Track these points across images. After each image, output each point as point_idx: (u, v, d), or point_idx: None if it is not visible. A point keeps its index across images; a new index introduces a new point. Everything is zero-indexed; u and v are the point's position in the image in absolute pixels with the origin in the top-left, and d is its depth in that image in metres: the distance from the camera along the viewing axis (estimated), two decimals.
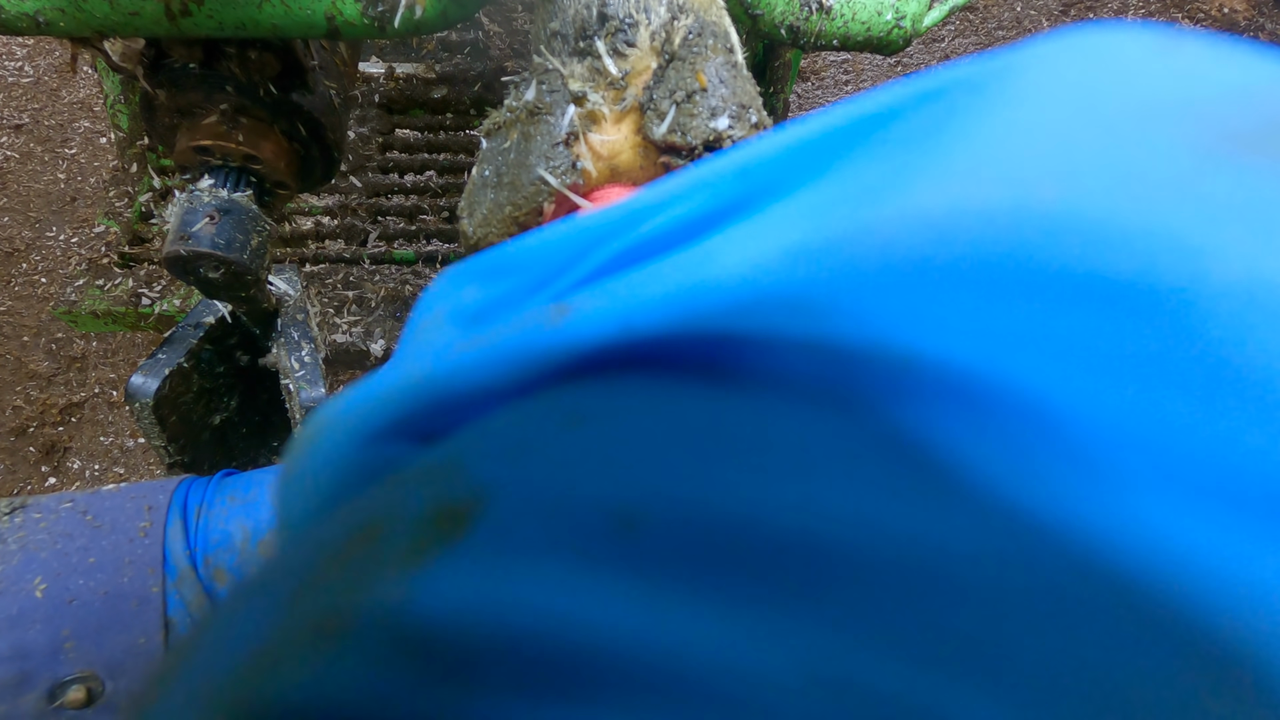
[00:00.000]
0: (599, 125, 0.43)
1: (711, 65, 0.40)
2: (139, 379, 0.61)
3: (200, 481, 0.42)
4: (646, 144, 0.42)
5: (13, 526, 0.36)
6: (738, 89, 0.41)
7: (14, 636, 0.34)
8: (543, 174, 0.40)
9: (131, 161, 1.24)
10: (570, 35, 0.43)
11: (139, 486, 0.40)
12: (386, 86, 1.35)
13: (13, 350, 1.64)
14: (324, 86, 0.60)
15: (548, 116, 0.41)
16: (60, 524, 0.37)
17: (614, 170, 0.44)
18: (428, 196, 1.29)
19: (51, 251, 1.76)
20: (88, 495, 0.39)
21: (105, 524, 0.37)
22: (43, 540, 0.36)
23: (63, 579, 0.35)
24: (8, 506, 0.37)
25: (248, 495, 0.41)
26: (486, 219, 0.43)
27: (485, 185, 0.43)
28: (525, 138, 0.42)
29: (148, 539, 0.37)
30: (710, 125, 0.39)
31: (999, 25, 2.24)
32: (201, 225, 0.55)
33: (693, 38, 0.41)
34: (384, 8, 0.48)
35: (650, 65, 0.43)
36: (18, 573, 0.35)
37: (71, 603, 0.35)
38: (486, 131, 0.45)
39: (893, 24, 0.59)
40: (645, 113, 0.42)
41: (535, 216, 0.41)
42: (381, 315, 1.14)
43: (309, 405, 0.63)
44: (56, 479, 1.49)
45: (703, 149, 0.40)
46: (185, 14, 0.46)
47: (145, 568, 0.36)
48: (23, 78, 2.04)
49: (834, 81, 2.10)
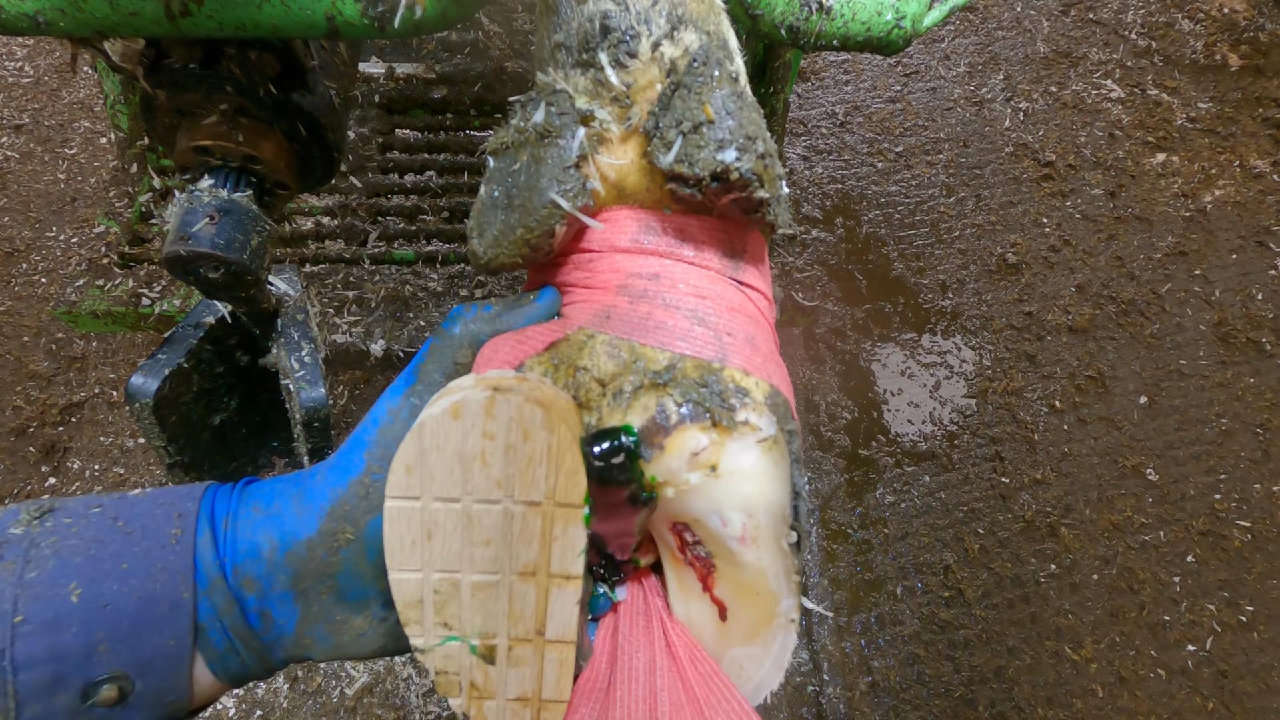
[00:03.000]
0: (606, 146, 0.43)
1: (718, 96, 0.40)
2: (139, 379, 0.61)
3: (224, 489, 0.43)
4: (653, 168, 0.42)
5: (44, 531, 0.37)
6: (744, 120, 0.40)
7: (50, 639, 0.35)
8: (555, 198, 0.40)
9: (131, 161, 1.24)
10: (574, 47, 0.43)
11: (166, 493, 0.41)
12: (386, 86, 1.35)
13: (13, 350, 1.64)
14: (324, 87, 0.60)
15: (558, 139, 0.41)
16: (92, 529, 0.38)
17: (621, 191, 0.44)
18: (428, 196, 1.29)
19: (51, 251, 1.76)
20: (115, 500, 0.40)
21: (136, 530, 0.38)
22: (75, 546, 0.37)
23: (97, 584, 0.36)
24: (36, 510, 0.38)
25: (271, 507, 0.41)
26: (497, 240, 0.43)
27: (495, 206, 0.43)
28: (536, 160, 0.42)
29: (179, 546, 0.38)
30: (718, 158, 0.39)
31: (999, 25, 2.24)
32: (201, 225, 0.55)
33: (698, 65, 0.41)
34: (384, 8, 0.48)
35: (654, 81, 0.43)
36: (52, 578, 0.36)
37: (106, 607, 0.36)
38: (493, 150, 0.45)
39: (893, 24, 0.59)
40: (651, 139, 0.42)
41: (547, 238, 0.42)
42: (381, 315, 1.14)
43: (309, 405, 0.63)
44: (56, 479, 1.49)
45: (710, 179, 0.40)
46: (185, 14, 0.46)
47: (177, 574, 0.38)
48: (23, 78, 2.04)
49: (834, 81, 2.10)
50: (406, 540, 0.36)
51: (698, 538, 0.39)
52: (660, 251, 0.43)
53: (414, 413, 0.41)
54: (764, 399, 0.38)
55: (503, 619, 0.37)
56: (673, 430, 0.37)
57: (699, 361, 0.39)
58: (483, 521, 0.35)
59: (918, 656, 1.37)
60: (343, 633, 0.42)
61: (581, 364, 0.40)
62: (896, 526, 1.49)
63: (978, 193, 1.92)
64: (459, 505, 0.35)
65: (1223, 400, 1.64)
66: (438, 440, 0.34)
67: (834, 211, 1.88)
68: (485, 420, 0.34)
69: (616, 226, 0.43)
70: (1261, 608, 1.42)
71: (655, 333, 0.39)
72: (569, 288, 0.44)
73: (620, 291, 0.42)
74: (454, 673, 0.38)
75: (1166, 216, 1.88)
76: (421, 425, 0.34)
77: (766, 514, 0.37)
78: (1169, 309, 1.76)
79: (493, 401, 0.34)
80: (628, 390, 0.38)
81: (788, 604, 0.38)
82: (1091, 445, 1.59)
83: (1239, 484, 1.55)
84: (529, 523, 0.35)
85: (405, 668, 1.31)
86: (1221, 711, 1.33)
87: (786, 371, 0.43)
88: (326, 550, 0.40)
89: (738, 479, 0.37)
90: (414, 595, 0.37)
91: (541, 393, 0.36)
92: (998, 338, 1.72)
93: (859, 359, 1.69)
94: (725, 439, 0.37)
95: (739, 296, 0.43)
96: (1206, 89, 2.09)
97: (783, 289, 1.67)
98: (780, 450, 0.38)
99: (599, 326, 0.40)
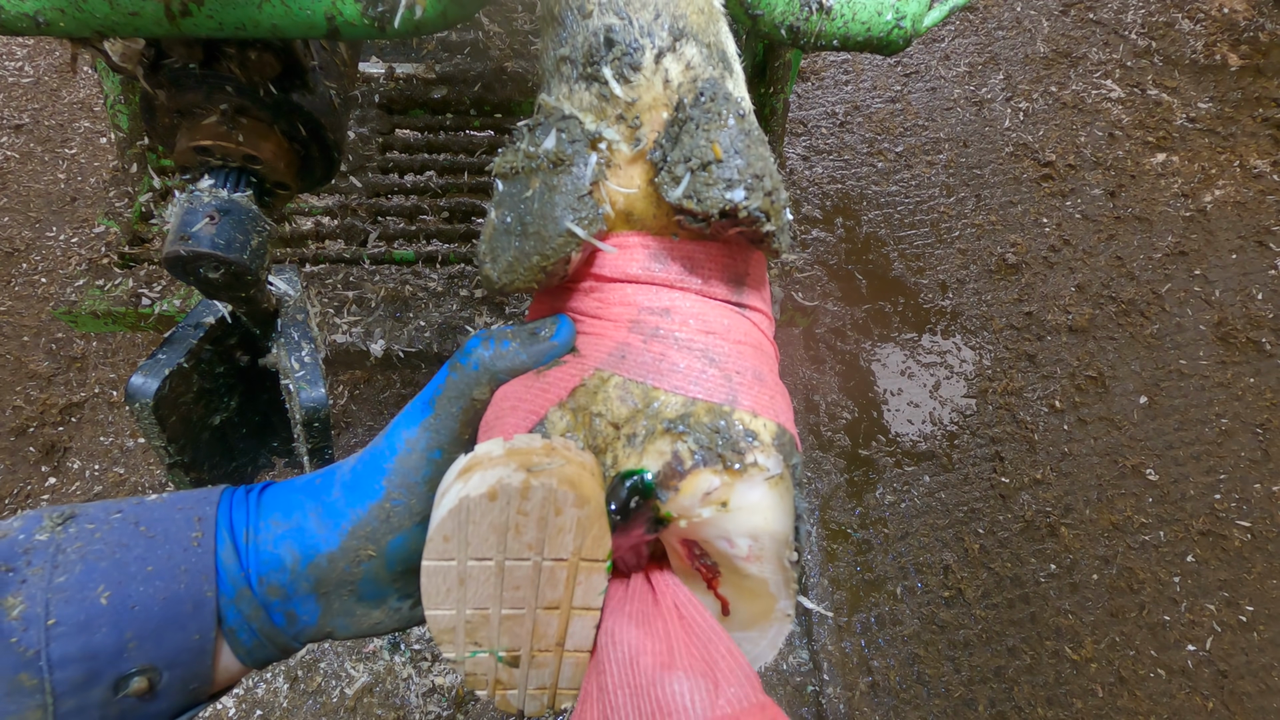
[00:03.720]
0: (614, 170, 0.44)
1: (725, 135, 0.41)
2: (139, 379, 0.61)
3: (239, 496, 0.45)
4: (660, 196, 0.43)
5: (69, 537, 0.39)
6: (752, 158, 0.41)
7: (83, 640, 0.37)
8: (571, 226, 0.41)
9: (131, 161, 1.24)
10: (579, 60, 0.44)
11: (182, 497, 0.43)
12: (386, 86, 1.35)
13: (13, 350, 1.64)
14: (324, 87, 0.60)
15: (571, 167, 0.42)
16: (115, 534, 0.40)
17: (629, 216, 0.45)
18: (428, 196, 1.29)
19: (51, 251, 1.76)
20: (134, 505, 0.42)
21: (158, 534, 0.41)
22: (100, 550, 0.39)
23: (124, 587, 0.39)
24: (59, 516, 0.41)
25: (291, 520, 0.43)
26: (511, 266, 0.44)
27: (508, 233, 0.44)
28: (549, 189, 0.42)
29: (200, 549, 0.41)
30: (726, 196, 0.40)
31: (999, 25, 2.24)
32: (201, 225, 0.55)
33: (705, 100, 0.42)
34: (384, 8, 0.48)
35: (658, 100, 0.43)
36: (81, 581, 0.38)
37: (133, 608, 0.38)
38: (501, 174, 0.45)
39: (893, 24, 0.59)
40: (659, 171, 0.42)
41: (563, 265, 0.43)
42: (381, 315, 1.14)
43: (309, 405, 0.63)
44: (56, 479, 1.49)
45: (718, 216, 0.41)
46: (185, 14, 0.46)
47: (199, 575, 0.40)
48: (23, 78, 2.04)
49: (834, 81, 2.10)
50: (443, 589, 0.39)
51: (704, 552, 0.41)
52: (670, 283, 0.44)
53: (430, 445, 0.43)
54: (771, 440, 0.41)
55: (527, 638, 0.40)
56: (687, 474, 0.39)
57: (710, 405, 0.40)
58: (514, 574, 0.38)
59: (918, 656, 1.37)
60: (362, 622, 0.46)
61: (596, 410, 0.41)
62: (896, 526, 1.49)
63: (978, 193, 1.92)
64: (492, 562, 0.38)
65: (1223, 400, 1.64)
66: (474, 517, 0.37)
67: (834, 211, 1.88)
68: (520, 501, 0.37)
69: (628, 254, 0.44)
70: (1261, 608, 1.42)
71: (669, 376, 0.41)
72: (581, 316, 0.45)
73: (633, 328, 0.43)
74: (482, 674, 0.41)
75: (1166, 216, 1.88)
76: (460, 506, 0.37)
77: (771, 540, 0.40)
78: (1169, 309, 1.76)
79: (527, 486, 0.36)
80: (640, 435, 0.40)
81: (785, 604, 0.41)
82: (1091, 445, 1.59)
83: (1239, 484, 1.55)
84: (556, 573, 0.38)
85: (405, 668, 1.31)
86: (1221, 711, 1.33)
87: (788, 396, 0.45)
88: (349, 563, 0.43)
89: (746, 513, 0.39)
90: (448, 625, 0.39)
91: (570, 469, 0.38)
92: (998, 338, 1.72)
93: (859, 359, 1.69)
94: (735, 480, 0.39)
95: (744, 325, 0.45)
96: (1206, 89, 2.09)
97: (783, 289, 1.67)
98: (785, 485, 0.40)
99: (614, 367, 0.42)
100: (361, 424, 1.55)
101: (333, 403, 1.57)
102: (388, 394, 1.59)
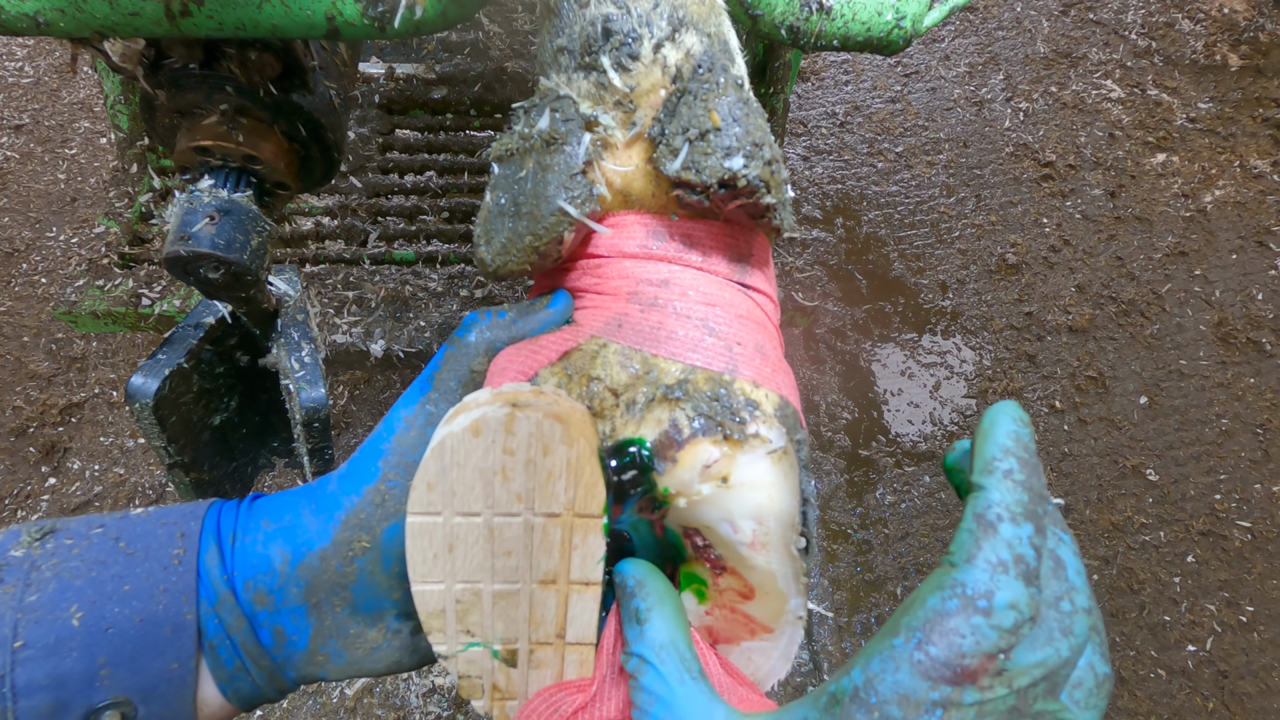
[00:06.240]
0: (611, 151, 0.44)
1: (724, 103, 0.40)
2: (139, 379, 0.61)
3: (230, 505, 0.42)
4: (659, 173, 0.42)
5: (45, 553, 0.36)
6: (750, 126, 0.40)
7: (51, 665, 0.34)
8: (563, 205, 0.41)
9: (131, 161, 1.24)
10: (576, 50, 0.44)
11: (168, 511, 0.40)
12: (386, 86, 1.35)
13: (13, 350, 1.64)
14: (324, 87, 0.60)
15: (564, 146, 0.42)
16: (93, 551, 0.37)
17: (627, 197, 0.44)
18: (428, 196, 1.29)
19: (51, 251, 1.76)
20: (117, 520, 0.39)
21: (138, 551, 0.37)
22: (77, 567, 0.36)
23: (98, 607, 0.35)
24: (38, 531, 0.38)
25: (282, 520, 0.41)
26: (505, 248, 0.43)
27: (502, 214, 0.43)
28: (542, 168, 0.42)
29: (181, 566, 0.37)
30: (725, 165, 0.40)
31: (999, 25, 2.24)
32: (201, 225, 0.55)
33: (703, 72, 0.41)
34: (384, 8, 0.48)
35: (656, 85, 0.43)
36: (53, 601, 0.35)
37: (108, 631, 0.35)
38: (497, 157, 0.45)
39: (893, 24, 0.59)
40: (657, 146, 0.42)
41: (556, 245, 0.42)
42: (381, 315, 1.14)
43: (309, 405, 0.63)
44: (56, 479, 1.49)
45: (717, 186, 0.40)
46: (185, 14, 0.46)
47: (179, 595, 0.37)
48: (23, 78, 2.04)
49: (834, 81, 2.10)
50: (429, 554, 0.36)
51: (709, 542, 0.39)
52: (669, 257, 0.43)
53: (430, 421, 0.41)
54: (774, 411, 0.39)
55: (524, 624, 0.38)
56: (685, 444, 0.37)
57: (710, 374, 0.39)
58: (504, 534, 0.36)
59: None
60: (357, 647, 0.42)
61: (594, 374, 0.40)
62: (896, 527, 1.49)
63: (978, 193, 1.92)
64: (480, 519, 0.36)
65: (1223, 400, 1.64)
66: (458, 457, 0.35)
67: (834, 211, 1.88)
68: (505, 437, 0.34)
69: (625, 232, 0.43)
70: (1261, 608, 1.42)
71: (667, 343, 0.40)
72: (579, 293, 0.44)
73: (631, 299, 0.42)
74: (476, 676, 0.39)
75: (1166, 216, 1.88)
76: (442, 443, 0.35)
77: (776, 522, 0.38)
78: (1169, 309, 1.76)
79: (512, 418, 0.34)
80: (640, 402, 0.39)
81: (795, 603, 0.39)
82: (1091, 445, 1.59)
83: (1239, 484, 1.55)
84: (549, 533, 0.36)
85: None
86: (1221, 712, 1.33)
87: (793, 375, 0.44)
88: (341, 560, 0.40)
89: (748, 489, 0.37)
90: (437, 605, 0.37)
91: (559, 407, 0.36)
92: (998, 338, 1.72)
93: (859, 359, 1.69)
94: (736, 452, 0.37)
95: (746, 302, 0.43)
96: (1206, 89, 2.09)
97: (783, 289, 1.67)
98: (790, 460, 0.39)
99: (611, 335, 0.41)
100: (361, 424, 1.55)
101: (333, 403, 1.57)
102: (388, 394, 1.59)
